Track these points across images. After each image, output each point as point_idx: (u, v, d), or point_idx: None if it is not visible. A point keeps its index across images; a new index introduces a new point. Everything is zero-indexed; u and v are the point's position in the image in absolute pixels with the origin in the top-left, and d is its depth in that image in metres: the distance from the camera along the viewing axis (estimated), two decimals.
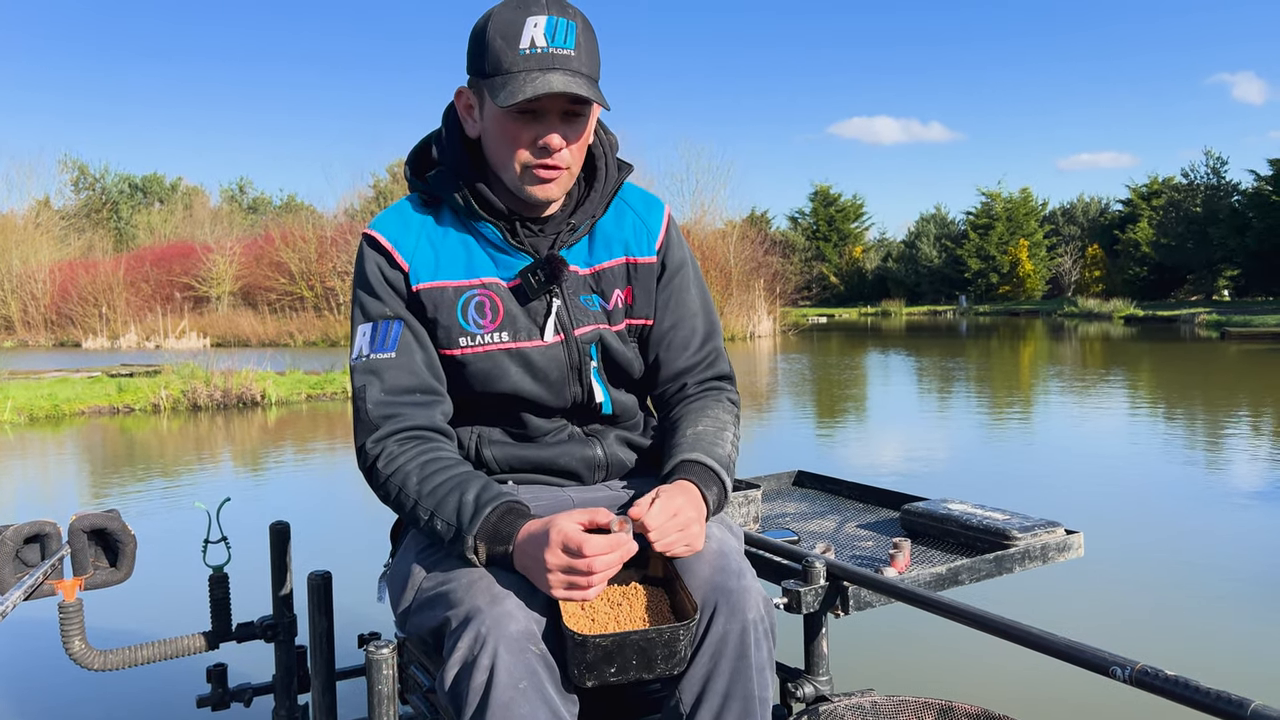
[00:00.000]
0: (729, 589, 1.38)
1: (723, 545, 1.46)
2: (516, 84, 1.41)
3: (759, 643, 1.38)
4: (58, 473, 8.63)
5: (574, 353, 1.57)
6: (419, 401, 1.52)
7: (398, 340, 1.52)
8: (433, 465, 1.46)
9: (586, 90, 1.42)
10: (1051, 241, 57.82)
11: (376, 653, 1.37)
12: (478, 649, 1.27)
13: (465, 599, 1.32)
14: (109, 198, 63.77)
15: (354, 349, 1.55)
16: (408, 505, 1.44)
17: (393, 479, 1.46)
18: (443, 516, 1.40)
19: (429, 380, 1.53)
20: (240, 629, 2.03)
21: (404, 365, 1.52)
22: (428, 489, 1.43)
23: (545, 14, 1.42)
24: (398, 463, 1.46)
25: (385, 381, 1.50)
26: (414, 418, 1.50)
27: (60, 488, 7.82)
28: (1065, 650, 1.26)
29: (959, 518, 2.00)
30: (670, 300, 1.66)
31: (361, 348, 1.54)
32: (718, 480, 1.49)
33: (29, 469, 8.92)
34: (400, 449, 1.47)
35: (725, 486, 1.51)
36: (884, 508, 2.35)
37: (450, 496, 1.41)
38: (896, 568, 1.83)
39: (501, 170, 1.52)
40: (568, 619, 1.33)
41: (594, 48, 1.47)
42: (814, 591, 1.68)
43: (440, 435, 1.53)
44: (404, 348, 1.52)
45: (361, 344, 1.54)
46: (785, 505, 2.43)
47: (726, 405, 1.64)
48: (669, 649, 1.30)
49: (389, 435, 1.49)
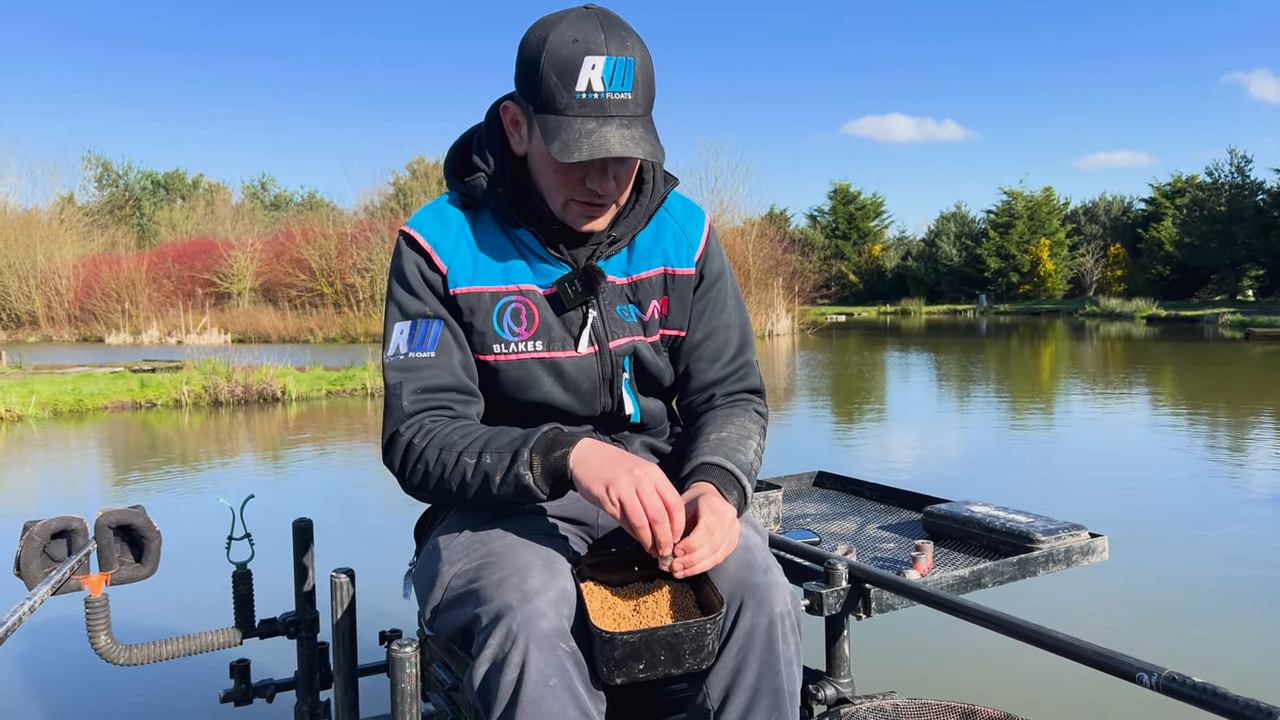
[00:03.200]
0: (755, 584, 1.38)
1: (748, 541, 1.46)
2: (571, 135, 1.38)
3: (786, 636, 1.38)
4: (81, 468, 8.71)
5: (607, 364, 1.58)
6: (457, 399, 1.52)
7: (437, 340, 1.53)
8: (468, 426, 1.47)
9: (643, 148, 1.39)
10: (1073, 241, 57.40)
11: (399, 651, 1.37)
12: (509, 646, 1.27)
13: (496, 596, 1.32)
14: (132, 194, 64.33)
15: (389, 347, 1.55)
16: (450, 461, 1.42)
17: (430, 446, 1.44)
18: (492, 449, 1.39)
19: (465, 381, 1.53)
20: (263, 625, 2.05)
21: (443, 365, 1.52)
22: (469, 440, 1.43)
23: (604, 54, 1.37)
24: (434, 431, 1.46)
25: (423, 379, 1.51)
26: (452, 409, 1.51)
27: (84, 482, 7.90)
28: (1092, 656, 1.25)
29: (981, 520, 1.99)
30: (705, 312, 1.67)
31: (399, 345, 1.54)
32: (738, 486, 1.49)
33: (53, 464, 9.02)
34: (434, 423, 1.48)
35: (745, 493, 1.50)
36: (905, 509, 2.34)
37: (497, 436, 1.42)
38: (919, 570, 1.83)
39: (547, 198, 1.52)
40: (594, 616, 1.33)
41: (650, 79, 1.44)
42: (836, 593, 1.67)
43: (472, 422, 1.53)
44: (443, 348, 1.53)
45: (399, 342, 1.54)
46: (806, 506, 2.43)
47: (753, 415, 1.64)
48: (696, 643, 1.31)
49: (425, 416, 1.49)
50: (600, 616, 1.35)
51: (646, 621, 1.37)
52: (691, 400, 1.68)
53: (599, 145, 1.37)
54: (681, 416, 1.73)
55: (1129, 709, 2.92)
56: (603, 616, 1.35)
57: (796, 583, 1.76)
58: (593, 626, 1.28)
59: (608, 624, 1.34)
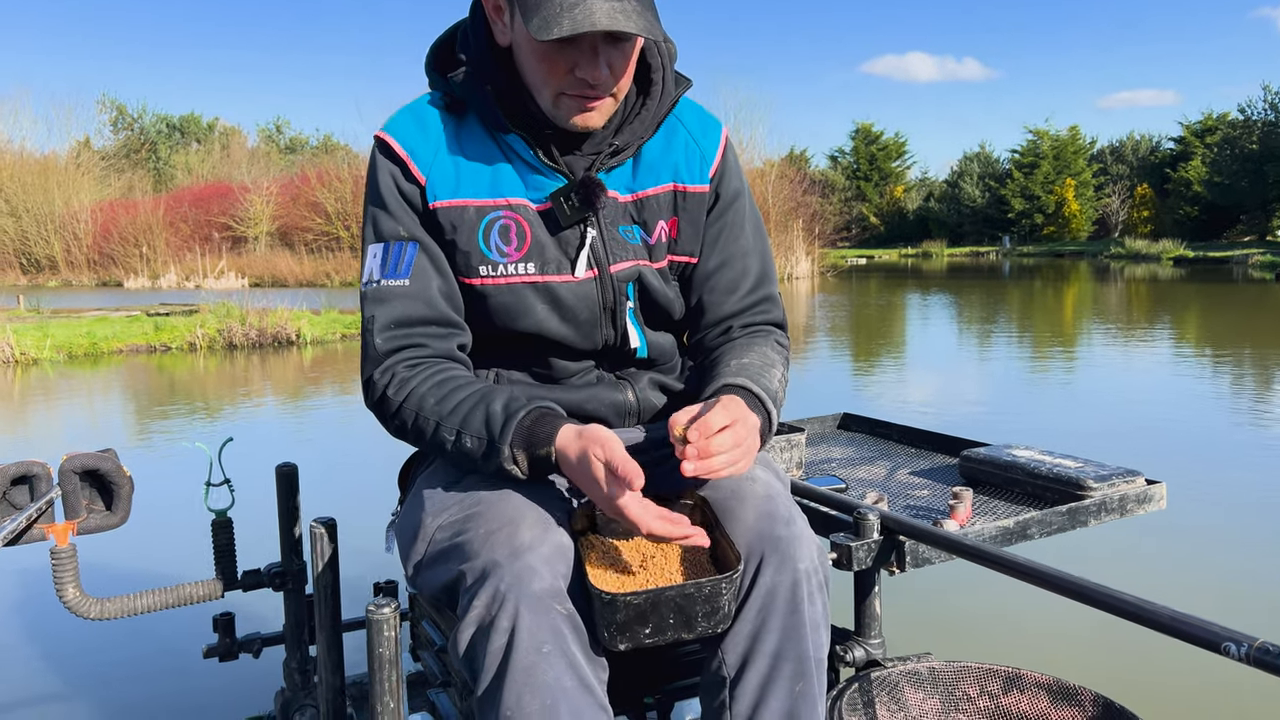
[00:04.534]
0: (777, 536, 1.21)
1: (769, 488, 1.29)
2: (551, 10, 1.20)
3: (812, 596, 1.22)
4: (79, 411, 8.65)
5: (608, 291, 1.40)
6: (434, 334, 1.35)
7: (412, 265, 1.36)
8: (449, 384, 1.31)
9: (636, 23, 1.20)
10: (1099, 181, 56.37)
11: (378, 612, 1.22)
12: (496, 608, 1.12)
13: (482, 552, 1.17)
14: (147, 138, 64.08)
15: (364, 272, 1.38)
16: (428, 430, 1.29)
17: (406, 405, 1.31)
18: (471, 432, 1.25)
19: (446, 311, 1.36)
20: (247, 577, 1.91)
21: (418, 294, 1.35)
22: (449, 407, 1.28)
23: None
24: (410, 385, 1.31)
25: (396, 311, 1.34)
26: (427, 347, 1.35)
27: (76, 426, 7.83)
28: (1168, 622, 1.08)
29: (1026, 465, 1.82)
30: (720, 236, 1.48)
31: (372, 271, 1.37)
32: (764, 411, 1.32)
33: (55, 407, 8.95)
34: (411, 372, 1.32)
35: (771, 421, 1.33)
36: (939, 453, 2.17)
37: (476, 411, 1.26)
38: (957, 520, 1.66)
39: (535, 93, 1.33)
40: (594, 576, 1.17)
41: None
42: (866, 546, 1.51)
43: (455, 363, 1.37)
44: (419, 274, 1.35)
45: (372, 267, 1.37)
46: (830, 450, 2.26)
47: (775, 345, 1.46)
48: (710, 605, 1.15)
49: (398, 362, 1.33)
50: (601, 575, 1.19)
51: (654, 580, 1.21)
52: (704, 335, 1.50)
53: (582, 18, 1.18)
54: (691, 355, 1.55)
55: (1208, 682, 2.65)
56: (603, 574, 1.19)
57: (822, 534, 1.59)
58: (591, 587, 1.12)
59: (609, 583, 1.18)
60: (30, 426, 7.73)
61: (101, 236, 38.21)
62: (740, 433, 1.18)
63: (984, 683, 1.51)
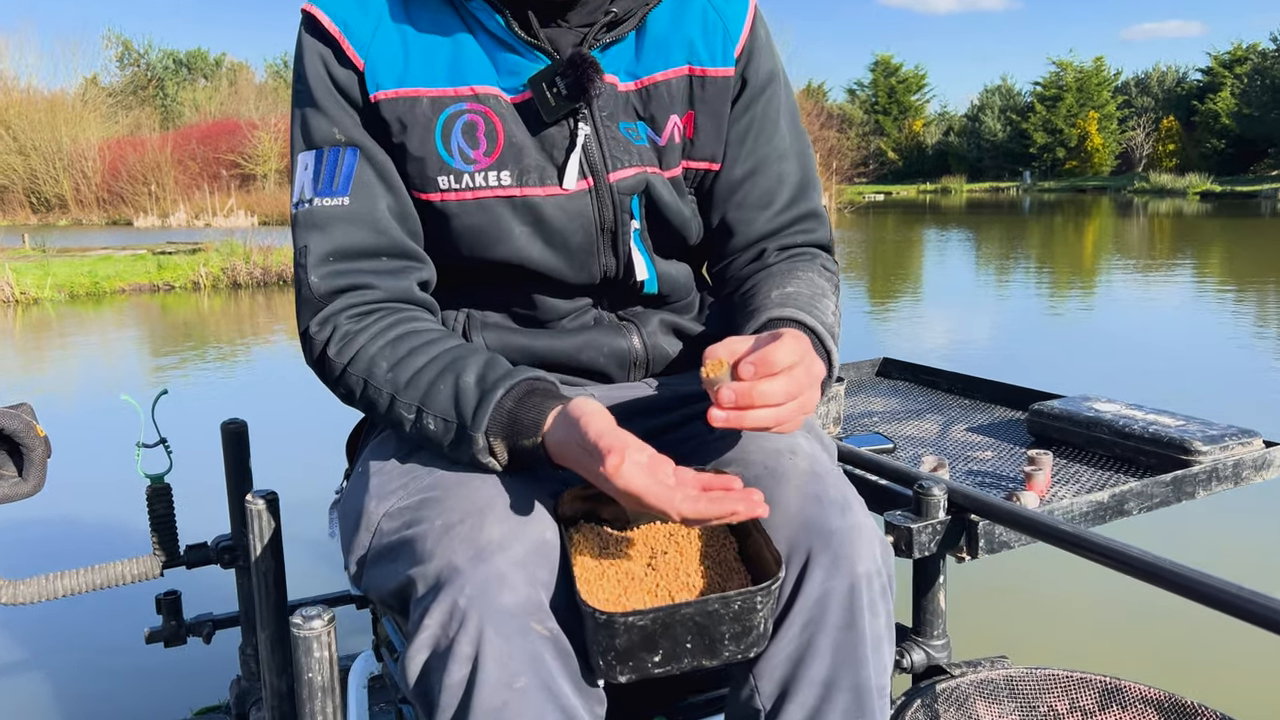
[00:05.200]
0: (830, 529, 0.92)
1: (814, 463, 1.00)
2: None
3: (874, 605, 0.93)
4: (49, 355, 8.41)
5: (607, 207, 1.08)
6: (385, 268, 1.05)
7: (351, 178, 1.05)
8: (407, 342, 1.01)
9: None
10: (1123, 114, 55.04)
11: (305, 625, 0.94)
12: (455, 629, 0.84)
13: (436, 552, 0.88)
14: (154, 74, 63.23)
15: (294, 189, 1.08)
16: (381, 403, 1.00)
17: (352, 369, 1.01)
18: (435, 411, 0.96)
19: (399, 238, 1.06)
20: (191, 552, 1.64)
21: (362, 216, 1.04)
22: (406, 375, 0.98)
23: None
24: (357, 344, 1.01)
25: (334, 240, 1.03)
26: (376, 288, 1.04)
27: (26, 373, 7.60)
28: None
29: (1113, 423, 1.51)
30: (749, 135, 1.16)
31: (303, 187, 1.06)
32: (822, 349, 1.01)
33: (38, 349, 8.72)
34: (358, 325, 1.02)
35: (831, 363, 1.03)
36: (999, 406, 1.86)
37: (442, 382, 0.96)
38: (1034, 490, 1.36)
39: None
40: (585, 584, 0.89)
41: None
42: (931, 528, 1.21)
43: (415, 306, 1.07)
44: (361, 189, 1.05)
45: (303, 182, 1.06)
46: (870, 401, 1.95)
47: (821, 270, 1.15)
48: (741, 624, 0.86)
49: (340, 311, 1.03)
50: (593, 583, 0.90)
51: (665, 586, 0.92)
52: (730, 263, 1.20)
53: None
54: (716, 287, 1.24)
55: None
56: (597, 582, 0.90)
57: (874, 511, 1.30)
58: (581, 601, 0.83)
59: (605, 595, 0.89)
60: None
61: (110, 175, 37.83)
62: (801, 379, 0.87)
63: (1075, 695, 1.22)
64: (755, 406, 0.85)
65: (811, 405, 0.90)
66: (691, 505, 0.81)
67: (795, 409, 0.87)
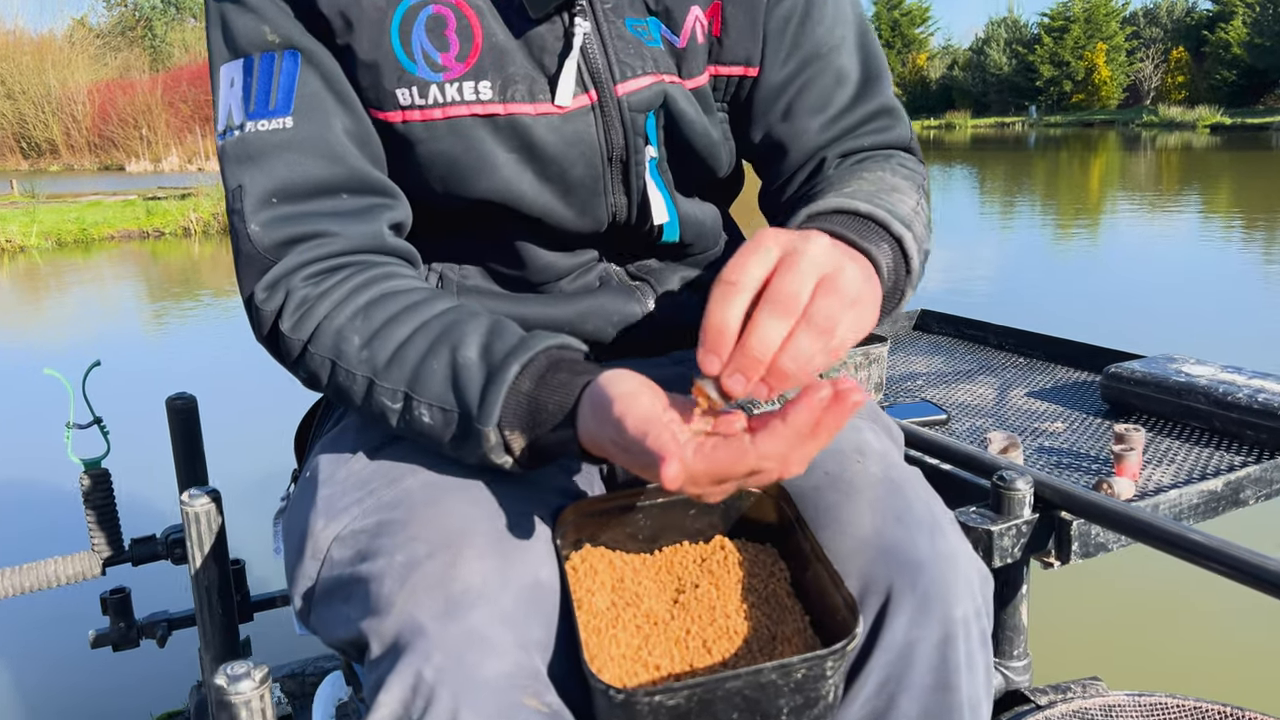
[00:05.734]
0: (917, 560, 0.71)
1: (890, 468, 0.78)
2: None
3: (972, 660, 0.71)
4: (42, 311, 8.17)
5: (616, 130, 0.85)
6: (347, 209, 0.81)
7: (293, 92, 0.80)
8: (386, 306, 0.77)
9: None
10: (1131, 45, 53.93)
11: (231, 688, 0.72)
12: (420, 710, 0.62)
13: (396, 601, 0.66)
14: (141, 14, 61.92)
15: (218, 114, 0.83)
16: (356, 390, 0.76)
17: (315, 348, 0.77)
18: (428, 396, 0.72)
19: (361, 167, 0.82)
20: (137, 547, 1.42)
21: (310, 141, 0.80)
22: (386, 352, 0.74)
23: None
24: (318, 314, 0.77)
25: (276, 175, 0.79)
26: (337, 236, 0.80)
27: None
28: None
29: (1211, 389, 1.28)
30: (792, 23, 0.89)
31: (230, 111, 0.82)
32: (889, 238, 0.74)
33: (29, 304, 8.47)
34: (318, 289, 0.78)
35: (907, 254, 0.75)
36: (1062, 366, 1.63)
37: (434, 357, 0.73)
38: (1125, 475, 1.14)
39: None
40: (593, 646, 0.67)
41: None
42: (1015, 530, 0.99)
43: (389, 256, 0.83)
44: (306, 105, 0.80)
45: (229, 103, 0.82)
46: (911, 362, 1.73)
47: (896, 168, 0.88)
48: (804, 695, 0.64)
49: (294, 270, 0.79)
50: (605, 635, 0.68)
51: (696, 637, 0.70)
52: (783, 187, 0.93)
53: None
54: (771, 216, 0.99)
55: None
56: (610, 633, 0.69)
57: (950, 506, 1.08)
58: (590, 674, 0.61)
59: (621, 651, 0.68)
60: None
61: (100, 119, 37.19)
62: (839, 292, 0.59)
63: None
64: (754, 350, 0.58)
65: (866, 324, 0.63)
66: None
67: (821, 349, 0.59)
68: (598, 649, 0.67)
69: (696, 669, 0.68)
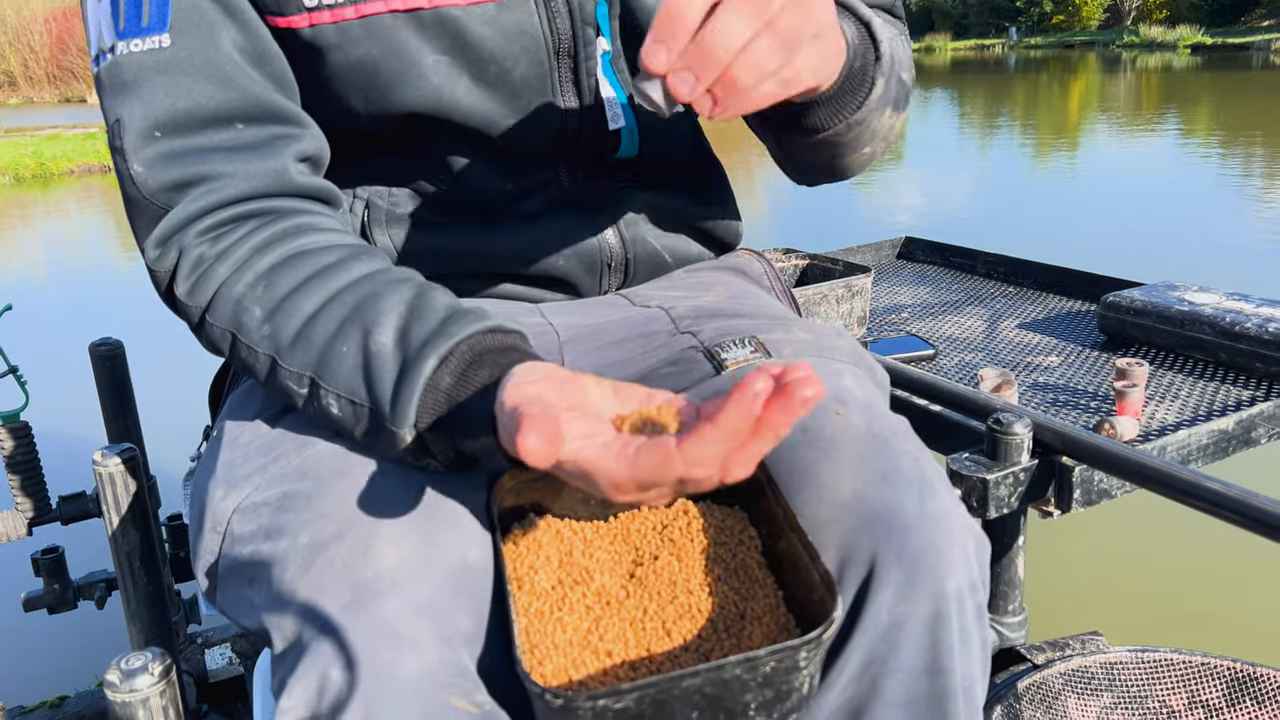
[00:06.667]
0: (905, 525, 0.62)
1: (874, 420, 0.68)
2: None
3: (967, 637, 0.63)
4: None
5: (561, 18, 0.74)
6: (243, 141, 0.68)
7: (168, 3, 0.67)
8: (293, 270, 0.65)
9: None
10: None
11: (124, 685, 0.63)
12: (331, 715, 0.53)
13: (299, 587, 0.56)
14: None
15: (90, 37, 0.71)
16: (260, 368, 0.65)
17: (213, 317, 0.66)
18: (336, 386, 0.61)
19: (256, 90, 0.69)
20: (66, 504, 1.32)
21: (193, 61, 0.67)
22: (290, 329, 0.63)
23: None
24: (215, 278, 0.66)
25: (156, 104, 0.67)
26: (233, 177, 0.67)
27: None
28: None
29: (1216, 319, 1.19)
30: None
31: (100, 31, 0.69)
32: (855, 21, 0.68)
33: None
34: (215, 247, 0.66)
35: (875, 38, 0.68)
36: (1054, 295, 1.54)
37: (344, 339, 0.61)
38: (1127, 413, 1.05)
39: None
40: (531, 633, 0.58)
41: None
42: (1012, 478, 0.91)
43: (299, 199, 0.71)
44: (186, 19, 0.67)
45: (99, 21, 0.69)
46: (896, 293, 1.63)
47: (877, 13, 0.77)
48: (774, 689, 0.55)
49: (187, 223, 0.67)
50: (547, 621, 0.59)
51: (654, 618, 0.61)
52: None
53: None
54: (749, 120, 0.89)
55: None
56: (554, 618, 0.59)
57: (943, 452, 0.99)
58: (523, 674, 0.51)
59: (566, 638, 0.58)
60: None
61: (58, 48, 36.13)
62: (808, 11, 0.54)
63: (1195, 685, 0.94)
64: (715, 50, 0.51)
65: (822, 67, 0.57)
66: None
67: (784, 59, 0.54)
68: (539, 636, 0.58)
69: (654, 655, 0.59)
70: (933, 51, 49.10)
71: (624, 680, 0.57)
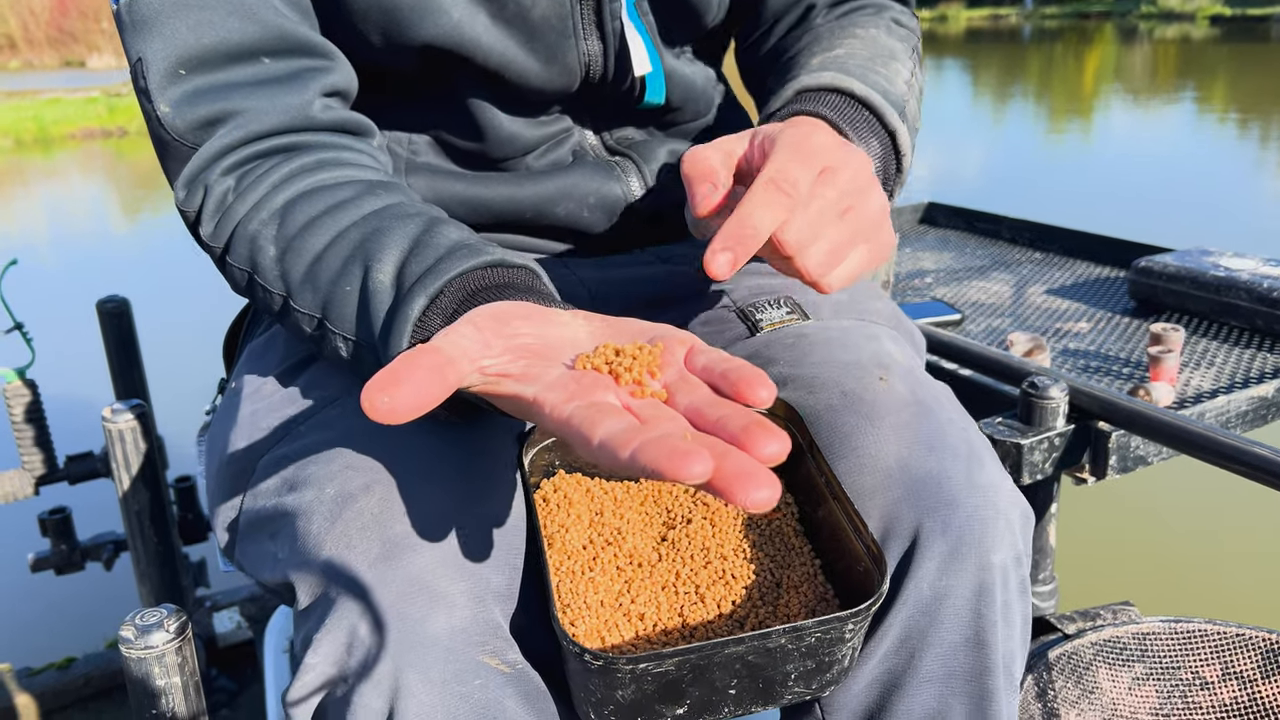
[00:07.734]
0: (950, 498, 0.59)
1: (917, 387, 0.65)
2: None
3: (1009, 612, 0.61)
4: None
5: None
6: (269, 75, 0.65)
7: None
8: (307, 206, 0.61)
9: None
10: None
11: (139, 641, 0.61)
12: (355, 671, 0.51)
13: (325, 541, 0.54)
14: None
15: None
16: (274, 305, 0.62)
17: (232, 257, 0.64)
18: (338, 325, 0.58)
19: (281, 23, 0.66)
20: (73, 464, 1.30)
21: None
22: (300, 267, 0.60)
23: None
24: (235, 216, 0.63)
25: (180, 41, 0.63)
26: (259, 113, 0.64)
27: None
28: None
29: (1254, 284, 1.16)
30: None
31: None
32: (877, 123, 0.67)
33: None
34: (238, 186, 0.63)
35: (896, 138, 0.68)
36: (1082, 261, 1.51)
37: (347, 276, 0.58)
38: (1163, 379, 1.02)
39: None
40: (566, 594, 0.56)
41: None
42: (1048, 443, 0.88)
43: (327, 133, 0.68)
44: None
45: None
46: (919, 258, 1.59)
47: (890, 26, 0.78)
48: (815, 659, 0.53)
49: (211, 161, 0.64)
50: (579, 583, 0.57)
51: (686, 581, 0.58)
52: (765, 36, 0.83)
53: None
54: (747, 80, 0.87)
55: None
56: (585, 579, 0.57)
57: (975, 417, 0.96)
58: (561, 633, 0.49)
59: (599, 598, 0.56)
60: None
61: (59, 11, 35.84)
62: (838, 185, 0.56)
63: (1230, 656, 0.92)
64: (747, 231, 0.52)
65: (871, 222, 0.58)
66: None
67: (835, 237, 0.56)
68: (572, 596, 0.56)
69: (687, 620, 0.56)
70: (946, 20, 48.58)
71: (656, 644, 0.55)
